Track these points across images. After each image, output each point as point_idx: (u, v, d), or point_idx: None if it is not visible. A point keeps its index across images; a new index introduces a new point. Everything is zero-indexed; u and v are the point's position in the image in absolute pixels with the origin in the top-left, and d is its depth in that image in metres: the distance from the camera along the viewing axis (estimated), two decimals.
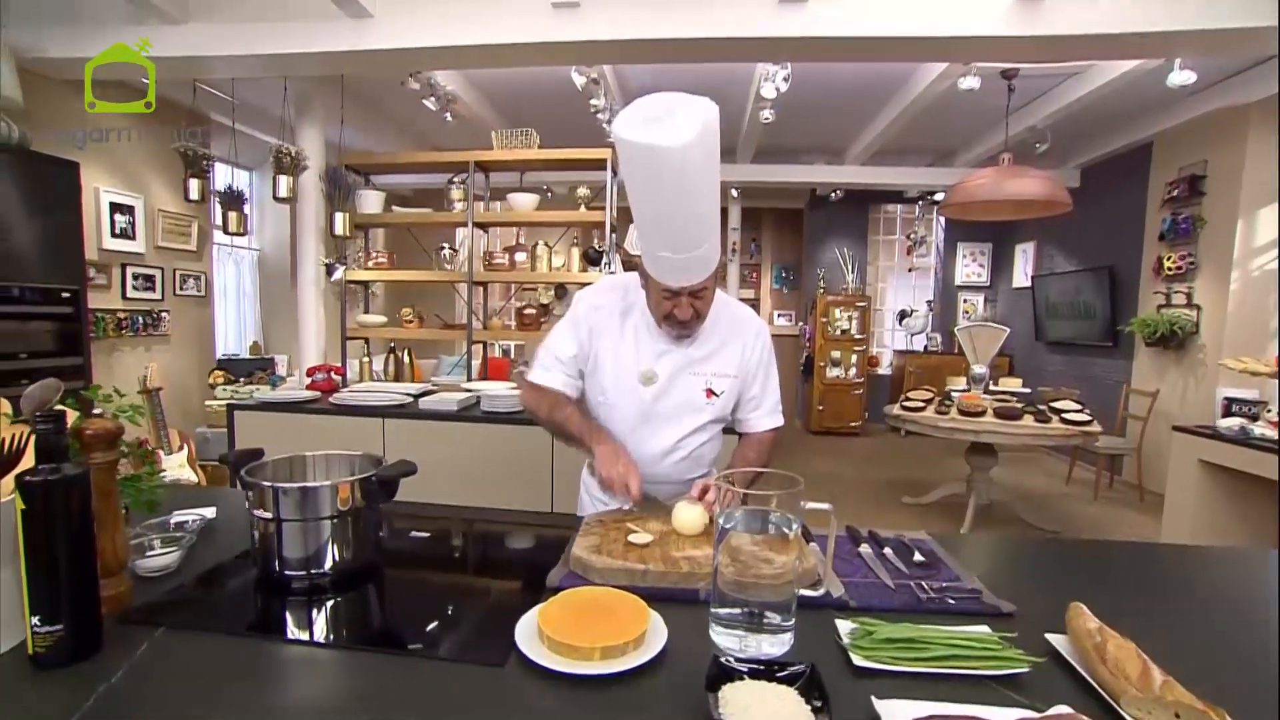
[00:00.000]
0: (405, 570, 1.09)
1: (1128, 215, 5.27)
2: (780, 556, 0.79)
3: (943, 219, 7.52)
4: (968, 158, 5.90)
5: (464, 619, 0.90)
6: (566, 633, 0.76)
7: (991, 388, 4.31)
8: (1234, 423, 2.60)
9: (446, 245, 3.80)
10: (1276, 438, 2.45)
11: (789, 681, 0.68)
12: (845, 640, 0.79)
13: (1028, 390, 4.35)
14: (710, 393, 1.34)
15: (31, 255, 3.06)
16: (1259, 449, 2.45)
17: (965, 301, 7.63)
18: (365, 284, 3.94)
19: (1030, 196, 3.62)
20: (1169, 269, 4.75)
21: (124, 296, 4.01)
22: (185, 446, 3.84)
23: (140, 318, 4.09)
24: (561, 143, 3.74)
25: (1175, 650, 0.79)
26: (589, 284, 3.58)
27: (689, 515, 1.11)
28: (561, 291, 4.14)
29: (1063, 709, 0.64)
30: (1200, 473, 2.76)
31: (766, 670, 0.69)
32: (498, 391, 2.75)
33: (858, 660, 0.75)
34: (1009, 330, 4.27)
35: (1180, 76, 3.42)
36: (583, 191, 3.80)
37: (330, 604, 0.94)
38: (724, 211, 7.55)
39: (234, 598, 0.95)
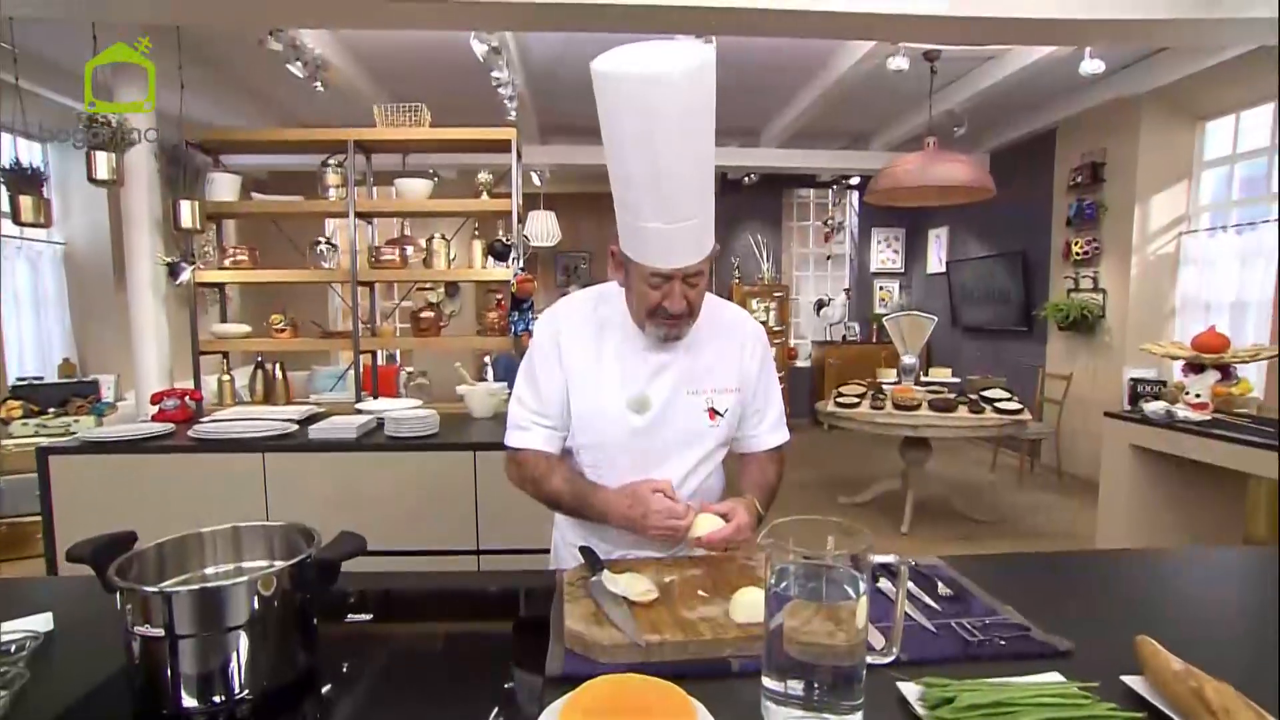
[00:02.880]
0: (349, 676, 0.91)
1: (1037, 200, 5.79)
2: (848, 622, 0.73)
3: (857, 205, 7.93)
4: (885, 140, 6.24)
5: None
6: None
7: (922, 378, 4.57)
8: (1159, 406, 2.90)
9: (323, 239, 3.46)
10: (1196, 419, 2.77)
11: None
12: (920, 711, 0.74)
13: (958, 380, 4.66)
14: (713, 413, 1.23)
15: None
16: (1184, 431, 2.76)
17: (881, 289, 8.10)
18: (220, 287, 3.52)
19: (959, 182, 3.87)
20: (1076, 254, 5.27)
21: None
22: None
23: None
24: (455, 121, 3.54)
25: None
26: (495, 280, 3.45)
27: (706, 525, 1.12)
28: (453, 289, 3.92)
29: None
30: (1132, 458, 3.06)
31: None
32: (403, 413, 2.53)
33: None
34: (936, 319, 4.55)
35: (1091, 65, 3.77)
36: (484, 177, 3.60)
37: None
38: None
39: None
